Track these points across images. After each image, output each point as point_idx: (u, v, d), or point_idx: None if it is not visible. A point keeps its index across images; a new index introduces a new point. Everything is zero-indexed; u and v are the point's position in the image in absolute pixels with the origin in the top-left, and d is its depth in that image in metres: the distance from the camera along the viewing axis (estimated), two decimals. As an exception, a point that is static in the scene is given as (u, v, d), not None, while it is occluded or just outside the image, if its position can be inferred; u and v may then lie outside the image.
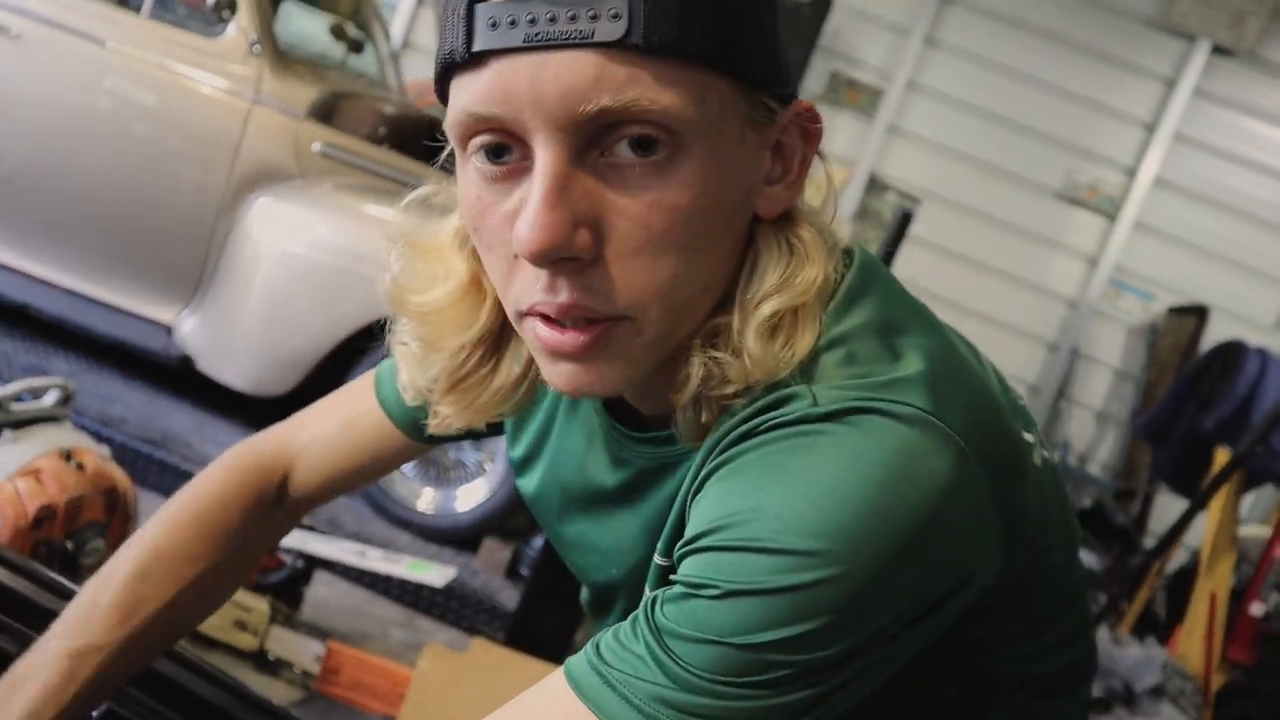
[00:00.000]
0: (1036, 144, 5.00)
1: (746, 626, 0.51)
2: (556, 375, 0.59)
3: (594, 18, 0.50)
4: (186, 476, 2.72)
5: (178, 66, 2.93)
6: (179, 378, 3.10)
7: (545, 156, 0.53)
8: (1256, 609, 3.30)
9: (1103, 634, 3.19)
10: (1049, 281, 5.09)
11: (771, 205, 0.59)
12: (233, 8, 2.89)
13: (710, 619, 0.51)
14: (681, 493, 0.60)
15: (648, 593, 0.65)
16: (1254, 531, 4.07)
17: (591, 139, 0.53)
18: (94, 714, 0.81)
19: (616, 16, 0.50)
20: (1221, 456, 3.13)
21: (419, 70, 5.09)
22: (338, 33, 3.55)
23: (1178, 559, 4.21)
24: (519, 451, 0.78)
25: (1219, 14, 4.79)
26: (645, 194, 0.53)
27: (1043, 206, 5.03)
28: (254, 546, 0.86)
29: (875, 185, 5.14)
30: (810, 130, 0.60)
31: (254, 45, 2.93)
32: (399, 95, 3.79)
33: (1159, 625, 3.77)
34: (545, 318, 0.56)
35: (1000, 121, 5.01)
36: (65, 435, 1.99)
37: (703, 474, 0.57)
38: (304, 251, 2.88)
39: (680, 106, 0.52)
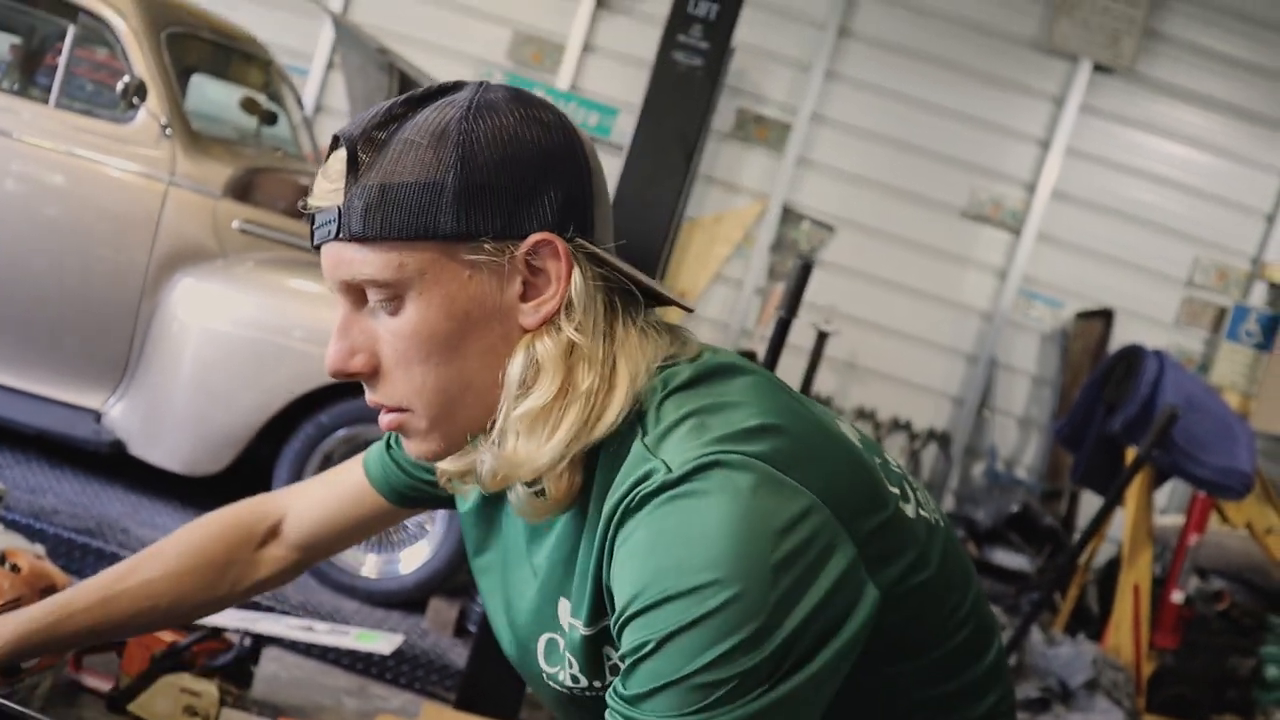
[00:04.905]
0: (940, 166, 5.21)
1: (682, 661, 0.64)
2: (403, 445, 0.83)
3: (329, 223, 0.76)
4: (125, 564, 2.70)
5: (91, 154, 2.93)
6: (109, 463, 3.07)
7: (339, 310, 0.79)
8: (1177, 596, 3.45)
9: (1036, 634, 3.30)
10: (963, 297, 5.28)
11: (528, 318, 0.76)
12: (142, 93, 2.89)
13: (656, 669, 0.65)
14: (593, 561, 0.73)
15: (565, 652, 0.77)
16: (1172, 521, 4.25)
17: (361, 295, 0.77)
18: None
19: (332, 222, 0.75)
20: (1132, 456, 3.28)
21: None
22: (249, 106, 3.56)
23: (1106, 553, 4.37)
24: (468, 506, 0.91)
25: (1096, 35, 5.07)
26: (389, 326, 0.77)
27: (951, 225, 5.23)
28: (246, 573, 1.02)
29: (790, 216, 5.29)
30: (563, 256, 0.75)
31: (165, 128, 2.94)
32: (316, 163, 3.81)
33: (1093, 619, 3.91)
34: None
35: (904, 147, 5.22)
36: (-2, 538, 1.98)
37: (608, 548, 0.71)
38: (229, 329, 2.89)
39: (380, 273, 0.74)
